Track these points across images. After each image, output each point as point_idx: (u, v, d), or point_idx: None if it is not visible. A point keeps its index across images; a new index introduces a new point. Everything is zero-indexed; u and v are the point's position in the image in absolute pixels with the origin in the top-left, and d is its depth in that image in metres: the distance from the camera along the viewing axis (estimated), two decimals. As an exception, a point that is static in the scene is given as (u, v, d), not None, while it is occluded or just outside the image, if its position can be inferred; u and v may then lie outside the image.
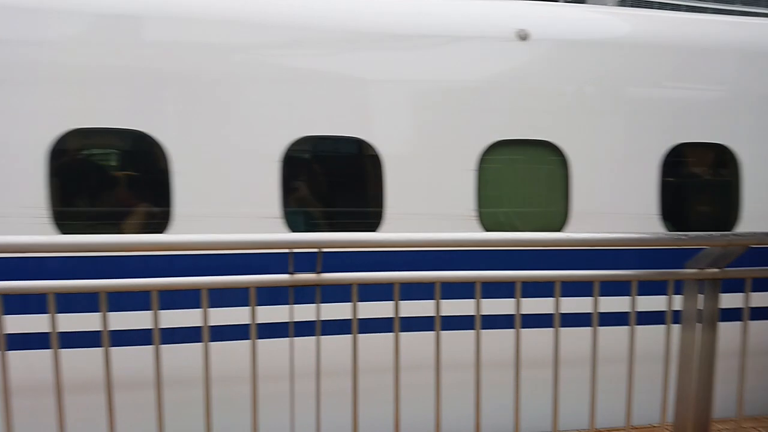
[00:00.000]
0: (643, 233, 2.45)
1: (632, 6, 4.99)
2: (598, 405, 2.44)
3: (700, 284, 2.45)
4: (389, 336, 2.26)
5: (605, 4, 4.37)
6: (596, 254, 2.79)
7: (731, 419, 2.73)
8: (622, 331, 2.45)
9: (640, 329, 2.42)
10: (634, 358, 2.43)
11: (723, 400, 2.70)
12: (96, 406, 2.13)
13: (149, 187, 3.11)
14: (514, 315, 2.30)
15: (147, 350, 2.10)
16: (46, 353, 2.01)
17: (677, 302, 2.46)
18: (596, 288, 2.34)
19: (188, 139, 3.03)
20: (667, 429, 2.60)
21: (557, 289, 2.32)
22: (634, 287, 2.37)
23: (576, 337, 2.50)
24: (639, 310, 2.40)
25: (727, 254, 2.38)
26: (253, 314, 2.14)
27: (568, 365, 2.42)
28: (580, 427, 2.99)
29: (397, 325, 2.22)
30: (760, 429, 3.05)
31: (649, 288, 2.48)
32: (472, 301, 2.26)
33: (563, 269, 2.38)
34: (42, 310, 1.96)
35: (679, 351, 2.56)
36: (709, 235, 2.38)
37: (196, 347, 2.13)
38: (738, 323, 2.48)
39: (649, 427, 3.17)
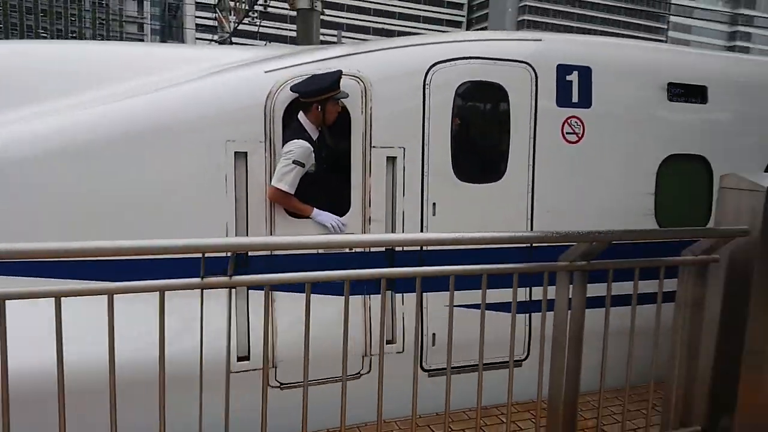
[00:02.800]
0: (528, 232, 2.72)
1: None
2: (484, 385, 2.69)
3: (571, 275, 2.78)
4: None
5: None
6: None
7: (594, 392, 3.13)
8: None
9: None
10: (512, 342, 2.72)
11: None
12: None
13: None
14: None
15: None
16: None
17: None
18: (484, 279, 2.59)
19: None
20: (543, 403, 2.92)
21: (452, 282, 2.54)
22: (516, 279, 2.64)
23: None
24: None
25: (593, 249, 2.71)
26: (162, 318, 2.10)
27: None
28: (470, 405, 3.27)
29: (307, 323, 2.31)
30: (619, 398, 3.51)
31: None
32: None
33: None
34: None
35: (552, 333, 2.89)
36: (578, 232, 2.70)
37: None
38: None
39: (528, 403, 3.53)
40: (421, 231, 3.67)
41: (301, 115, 3.49)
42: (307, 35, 11.89)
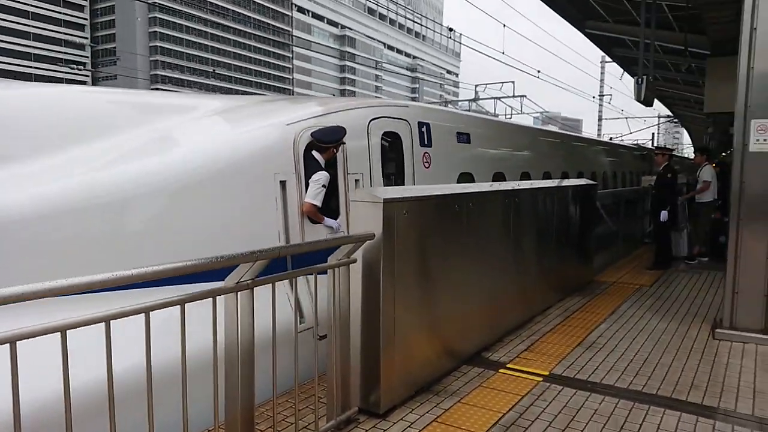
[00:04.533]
0: (193, 260, 2.61)
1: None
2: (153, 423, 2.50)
3: (239, 295, 2.84)
4: None
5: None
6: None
7: (269, 400, 3.27)
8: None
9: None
10: (183, 365, 2.61)
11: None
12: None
13: None
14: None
15: None
16: None
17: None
18: (146, 319, 2.39)
19: None
20: (221, 428, 2.90)
21: (107, 329, 2.26)
22: (182, 311, 2.53)
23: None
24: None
25: (257, 267, 2.84)
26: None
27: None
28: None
29: None
30: (290, 400, 3.78)
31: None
32: None
33: None
34: None
35: (225, 354, 2.90)
36: (242, 253, 2.77)
37: None
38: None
39: None
40: None
41: (315, 154, 5.00)
42: None
